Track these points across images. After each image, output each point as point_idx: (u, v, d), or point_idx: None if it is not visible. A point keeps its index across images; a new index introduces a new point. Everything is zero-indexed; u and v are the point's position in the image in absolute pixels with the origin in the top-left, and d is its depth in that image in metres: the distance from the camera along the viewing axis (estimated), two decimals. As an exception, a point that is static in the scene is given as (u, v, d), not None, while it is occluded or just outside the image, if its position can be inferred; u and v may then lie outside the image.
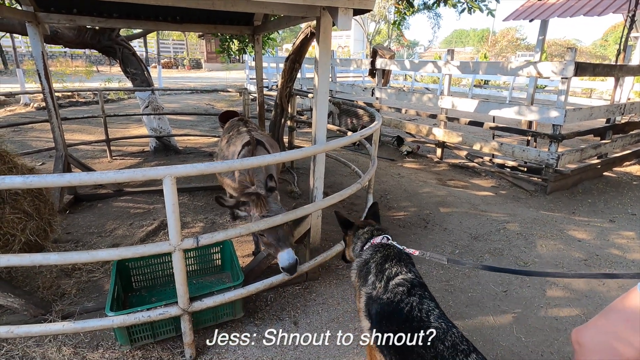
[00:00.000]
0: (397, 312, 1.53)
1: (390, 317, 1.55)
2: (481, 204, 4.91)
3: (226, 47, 7.14)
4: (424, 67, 7.13)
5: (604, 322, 1.40)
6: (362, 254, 1.92)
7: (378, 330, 1.59)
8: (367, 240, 1.95)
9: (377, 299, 1.64)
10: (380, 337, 1.56)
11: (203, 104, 13.03)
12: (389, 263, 1.75)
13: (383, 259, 1.78)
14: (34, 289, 2.86)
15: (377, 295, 1.65)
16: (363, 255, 1.90)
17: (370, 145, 3.76)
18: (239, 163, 2.19)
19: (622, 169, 6.75)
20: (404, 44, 41.10)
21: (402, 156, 7.33)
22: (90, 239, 3.70)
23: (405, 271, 1.70)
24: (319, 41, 2.56)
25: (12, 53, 14.78)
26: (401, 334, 1.46)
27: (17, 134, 7.63)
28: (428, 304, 1.52)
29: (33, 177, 1.67)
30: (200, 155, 6.79)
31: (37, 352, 2.30)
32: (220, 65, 29.89)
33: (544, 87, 17.01)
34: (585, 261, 3.58)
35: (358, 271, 1.86)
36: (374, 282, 1.72)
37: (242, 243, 3.78)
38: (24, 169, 2.73)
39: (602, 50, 38.07)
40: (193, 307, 2.18)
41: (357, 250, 1.99)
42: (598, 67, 5.49)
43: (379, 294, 1.65)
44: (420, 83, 19.94)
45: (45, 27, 4.00)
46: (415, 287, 1.60)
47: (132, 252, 1.97)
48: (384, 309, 1.58)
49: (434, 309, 1.50)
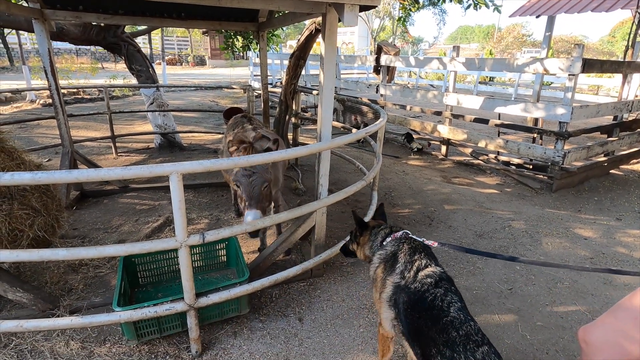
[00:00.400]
0: (421, 300, 1.58)
1: (415, 305, 1.60)
2: (486, 202, 4.89)
3: (230, 43, 7.13)
4: (429, 64, 7.09)
5: (612, 320, 1.39)
6: (384, 247, 1.96)
7: (405, 318, 1.64)
8: (387, 235, 2.00)
9: (406, 287, 1.69)
10: (406, 325, 1.62)
11: (207, 101, 13.05)
12: (417, 255, 1.80)
13: (411, 251, 1.83)
14: (41, 284, 2.89)
15: (405, 285, 1.70)
16: (386, 247, 1.94)
17: (375, 143, 3.75)
18: (245, 160, 2.19)
19: (629, 166, 6.69)
20: (408, 40, 40.87)
21: (412, 153, 7.31)
22: (97, 235, 3.73)
23: (434, 264, 1.76)
24: (325, 38, 2.55)
25: (18, 50, 14.87)
26: (421, 321, 1.53)
27: (24, 131, 7.69)
28: (451, 297, 1.57)
29: (41, 174, 1.68)
30: (205, 152, 6.81)
31: (45, 346, 2.33)
32: (225, 62, 29.92)
33: (550, 84, 16.85)
34: (591, 259, 3.56)
35: (383, 263, 1.90)
36: (402, 271, 1.77)
37: (247, 239, 3.79)
38: (31, 165, 2.75)
39: (610, 47, 37.64)
40: (199, 303, 2.20)
41: (376, 245, 2.03)
42: (606, 63, 5.44)
43: (408, 283, 1.69)
44: (425, 80, 19.83)
45: (51, 23, 4.02)
46: (442, 280, 1.66)
47: (139, 248, 1.98)
48: (410, 297, 1.64)
49: (457, 302, 1.55)
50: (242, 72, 24.40)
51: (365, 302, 2.86)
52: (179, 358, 2.30)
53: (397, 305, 1.73)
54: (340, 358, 2.35)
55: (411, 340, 1.59)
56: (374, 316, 2.71)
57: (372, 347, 2.43)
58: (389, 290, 1.79)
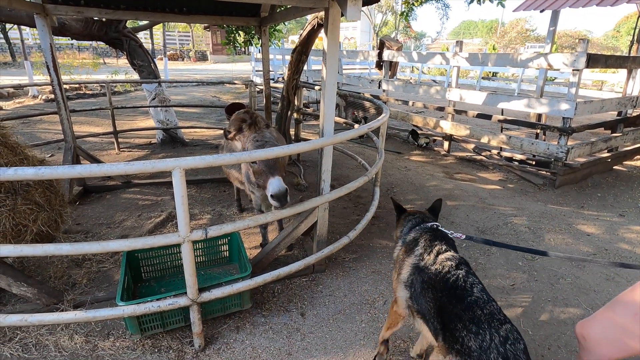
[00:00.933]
0: (443, 281, 1.67)
1: (436, 285, 1.69)
2: (488, 198, 4.88)
3: (232, 38, 7.09)
4: (432, 59, 7.04)
5: (611, 315, 1.39)
6: (410, 233, 2.07)
7: (423, 296, 1.74)
8: (417, 224, 2.11)
9: (425, 268, 1.79)
10: (424, 302, 1.72)
11: (209, 96, 13.04)
12: (438, 241, 1.91)
13: (432, 237, 1.94)
14: (45, 279, 2.91)
15: (424, 266, 1.80)
16: (411, 234, 2.06)
17: (377, 138, 3.74)
18: (247, 155, 2.19)
19: (633, 162, 6.65)
20: (411, 35, 40.61)
21: (420, 148, 7.30)
22: (100, 230, 3.75)
23: (454, 251, 1.86)
24: (327, 32, 2.54)
25: (20, 45, 14.86)
26: (445, 300, 1.62)
27: (26, 126, 7.71)
28: (473, 279, 1.65)
29: (45, 169, 1.69)
30: (207, 147, 6.81)
31: (50, 340, 2.35)
32: (226, 57, 29.83)
33: (553, 79, 16.75)
34: (593, 255, 3.56)
35: (405, 246, 2.03)
36: (422, 254, 1.88)
37: (249, 235, 3.80)
38: (34, 160, 2.76)
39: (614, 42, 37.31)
40: (202, 298, 2.21)
41: (405, 231, 2.13)
42: (610, 58, 5.39)
43: (427, 265, 1.80)
44: (428, 75, 19.74)
45: (53, 18, 4.01)
46: (462, 264, 1.75)
47: (143, 243, 1.99)
48: (431, 277, 1.73)
49: (478, 284, 1.63)
50: (244, 67, 24.33)
51: (368, 297, 2.87)
52: (182, 352, 2.31)
53: (413, 285, 1.83)
54: (342, 353, 2.36)
55: (429, 316, 1.68)
56: (376, 311, 2.72)
57: (374, 342, 2.44)
58: (407, 271, 1.89)
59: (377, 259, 3.38)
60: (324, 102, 2.74)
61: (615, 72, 13.70)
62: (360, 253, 3.47)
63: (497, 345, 1.38)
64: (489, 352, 1.37)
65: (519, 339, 1.42)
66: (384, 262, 3.32)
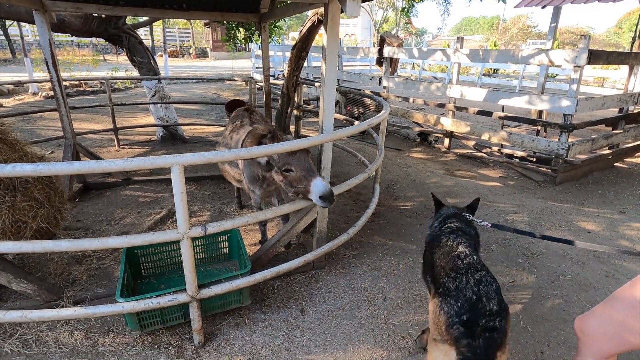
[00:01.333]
0: (437, 240, 2.10)
1: (434, 250, 2.08)
2: (489, 195, 4.88)
3: (232, 35, 7.07)
4: (433, 55, 7.01)
5: (609, 310, 1.39)
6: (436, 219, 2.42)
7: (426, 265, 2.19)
8: (448, 217, 2.34)
9: (435, 235, 2.19)
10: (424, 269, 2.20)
11: (209, 93, 13.01)
12: (454, 218, 2.29)
13: (450, 219, 2.28)
14: (45, 275, 2.91)
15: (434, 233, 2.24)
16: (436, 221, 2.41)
17: (377, 135, 3.73)
18: (246, 152, 2.18)
19: (634, 159, 6.63)
20: (412, 32, 40.46)
21: (424, 145, 7.28)
22: (100, 227, 3.75)
23: (462, 227, 2.18)
24: (327, 28, 2.53)
25: (20, 42, 14.83)
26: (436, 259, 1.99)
27: (27, 123, 7.71)
28: (462, 240, 1.99)
29: (43, 165, 1.68)
30: (207, 144, 6.80)
31: (50, 336, 2.35)
32: (226, 54, 29.77)
33: (554, 75, 16.68)
34: (594, 252, 3.55)
35: (430, 230, 2.37)
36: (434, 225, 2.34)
37: (249, 232, 3.81)
38: (33, 157, 2.75)
39: (616, 38, 37.15)
40: (201, 295, 2.21)
41: (435, 219, 2.44)
42: (612, 55, 5.36)
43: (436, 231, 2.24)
44: (428, 72, 19.68)
45: (52, 15, 3.99)
46: (455, 231, 2.11)
47: (141, 239, 1.99)
48: (434, 240, 2.15)
49: (465, 243, 1.96)
50: (244, 64, 24.27)
51: (367, 294, 2.87)
52: (182, 348, 2.32)
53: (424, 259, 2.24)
54: (341, 349, 2.36)
55: (428, 275, 2.07)
56: (375, 308, 2.72)
57: (373, 338, 2.44)
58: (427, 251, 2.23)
59: (377, 255, 3.38)
60: (323, 99, 2.73)
61: (617, 68, 13.64)
62: (360, 250, 3.47)
63: (471, 286, 1.66)
64: (464, 291, 1.66)
65: (492, 282, 1.71)
66: (383, 259, 3.32)
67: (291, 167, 2.46)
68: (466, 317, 1.58)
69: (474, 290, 1.64)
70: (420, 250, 3.46)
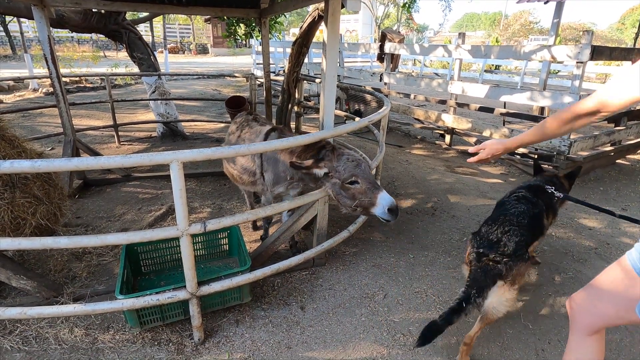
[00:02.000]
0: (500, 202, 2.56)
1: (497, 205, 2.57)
2: (490, 191, 4.86)
3: (233, 31, 7.04)
4: (434, 52, 6.97)
5: (592, 288, 1.56)
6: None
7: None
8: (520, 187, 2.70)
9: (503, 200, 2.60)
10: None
11: (210, 89, 12.98)
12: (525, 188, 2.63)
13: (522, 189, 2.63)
14: (45, 272, 2.91)
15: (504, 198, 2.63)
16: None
17: (378, 131, 3.71)
18: (246, 148, 2.17)
19: (636, 156, 6.61)
20: (413, 27, 40.25)
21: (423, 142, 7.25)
22: (100, 223, 3.75)
23: (527, 195, 2.48)
24: (327, 24, 2.50)
25: (20, 38, 14.80)
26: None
27: (27, 119, 7.69)
28: (514, 204, 2.38)
29: (41, 162, 1.67)
30: (208, 140, 6.78)
31: (50, 333, 2.35)
32: (227, 50, 29.69)
33: (556, 72, 16.59)
34: (595, 250, 3.54)
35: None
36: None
37: (249, 229, 3.80)
38: (32, 153, 2.74)
39: (619, 34, 36.94)
40: (201, 291, 2.20)
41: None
42: (615, 51, 5.32)
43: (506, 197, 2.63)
44: (430, 68, 19.58)
45: (50, 10, 3.96)
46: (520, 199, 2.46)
47: (141, 236, 1.98)
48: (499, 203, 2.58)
49: (515, 208, 2.33)
50: (245, 60, 24.20)
51: (367, 291, 2.86)
52: (182, 345, 2.32)
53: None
54: (341, 346, 2.36)
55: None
56: (376, 305, 2.72)
57: (373, 335, 2.44)
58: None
59: (377, 252, 3.37)
60: (324, 95, 2.71)
61: (619, 64, 13.55)
62: (360, 247, 3.46)
63: (498, 234, 2.13)
64: (489, 234, 2.15)
65: (519, 235, 2.10)
66: (384, 256, 3.31)
67: (357, 178, 2.27)
68: (482, 250, 2.10)
69: (497, 235, 2.12)
70: (420, 247, 3.46)
